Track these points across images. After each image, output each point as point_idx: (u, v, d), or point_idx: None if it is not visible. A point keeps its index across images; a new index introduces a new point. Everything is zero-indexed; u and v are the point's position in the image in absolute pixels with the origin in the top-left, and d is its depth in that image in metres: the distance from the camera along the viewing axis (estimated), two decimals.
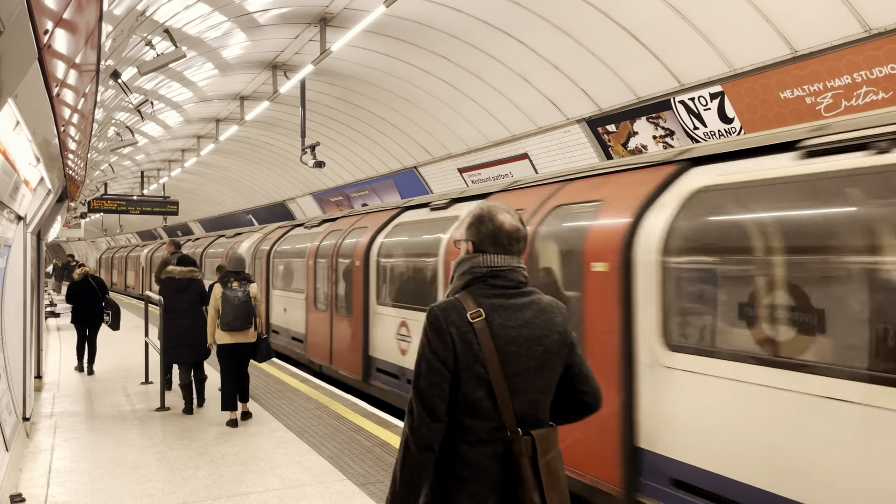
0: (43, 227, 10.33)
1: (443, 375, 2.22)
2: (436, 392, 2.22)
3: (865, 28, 6.85)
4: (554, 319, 2.36)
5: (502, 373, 2.23)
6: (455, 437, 2.26)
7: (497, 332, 2.25)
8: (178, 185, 30.53)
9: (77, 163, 8.59)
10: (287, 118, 17.53)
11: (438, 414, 2.22)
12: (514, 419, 2.24)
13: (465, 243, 2.44)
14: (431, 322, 2.28)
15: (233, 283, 7.62)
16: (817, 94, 7.56)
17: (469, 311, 2.26)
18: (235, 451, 6.59)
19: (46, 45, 2.86)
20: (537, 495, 2.20)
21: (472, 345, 2.23)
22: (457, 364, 2.23)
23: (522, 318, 2.31)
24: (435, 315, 2.27)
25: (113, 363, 11.97)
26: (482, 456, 2.23)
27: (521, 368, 2.27)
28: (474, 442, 2.24)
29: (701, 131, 9.18)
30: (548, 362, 2.32)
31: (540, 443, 2.24)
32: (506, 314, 2.29)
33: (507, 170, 13.53)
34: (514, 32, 10.36)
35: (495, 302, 2.30)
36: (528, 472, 2.21)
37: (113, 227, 46.49)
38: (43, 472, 6.02)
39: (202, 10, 10.45)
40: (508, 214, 2.39)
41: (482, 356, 2.22)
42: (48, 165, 6.29)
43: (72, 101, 4.64)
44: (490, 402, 2.23)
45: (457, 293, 2.35)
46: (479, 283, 2.34)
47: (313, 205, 23.40)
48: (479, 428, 2.24)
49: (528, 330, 2.30)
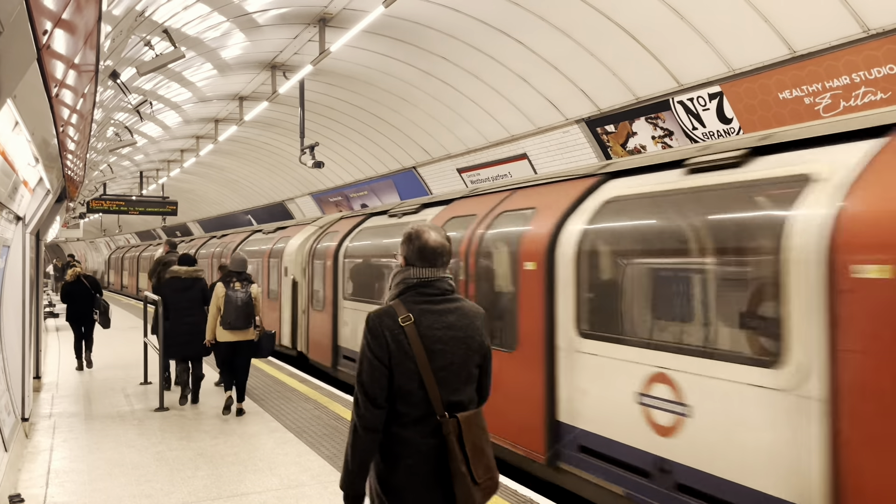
0: (42, 228, 10.32)
1: (381, 371, 2.65)
2: (376, 385, 2.65)
3: (864, 28, 6.86)
4: (475, 323, 2.82)
5: (430, 367, 2.66)
6: (394, 421, 2.68)
7: (424, 333, 2.67)
8: (177, 186, 30.53)
9: (76, 163, 8.58)
10: (286, 118, 17.53)
11: (379, 402, 2.64)
12: (442, 405, 2.67)
13: (399, 258, 2.86)
14: (369, 327, 2.69)
15: (235, 283, 7.78)
16: (816, 94, 7.57)
17: (400, 316, 2.67)
18: (234, 451, 6.59)
19: (45, 46, 2.87)
20: (464, 466, 2.64)
21: (403, 344, 2.65)
22: (391, 361, 2.65)
23: (447, 321, 2.74)
24: (372, 321, 2.70)
25: (112, 364, 11.96)
26: (417, 436, 2.67)
27: (447, 363, 2.70)
28: (410, 424, 2.67)
29: (700, 131, 9.19)
30: (469, 359, 2.77)
31: (464, 424, 2.68)
32: (432, 318, 2.71)
33: (506, 170, 13.53)
34: (513, 33, 10.36)
35: (423, 307, 2.72)
36: (455, 448, 2.64)
37: (112, 227, 46.47)
38: (42, 472, 6.01)
39: (201, 10, 10.45)
40: (435, 233, 2.81)
41: (412, 353, 2.65)
42: (47, 166, 6.28)
43: (71, 101, 4.64)
44: (421, 392, 2.66)
45: (392, 300, 2.76)
46: (410, 292, 2.76)
47: (312, 205, 23.40)
48: (413, 413, 2.67)
49: (451, 331, 2.73)
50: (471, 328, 2.79)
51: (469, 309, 2.84)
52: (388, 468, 2.70)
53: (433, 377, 2.66)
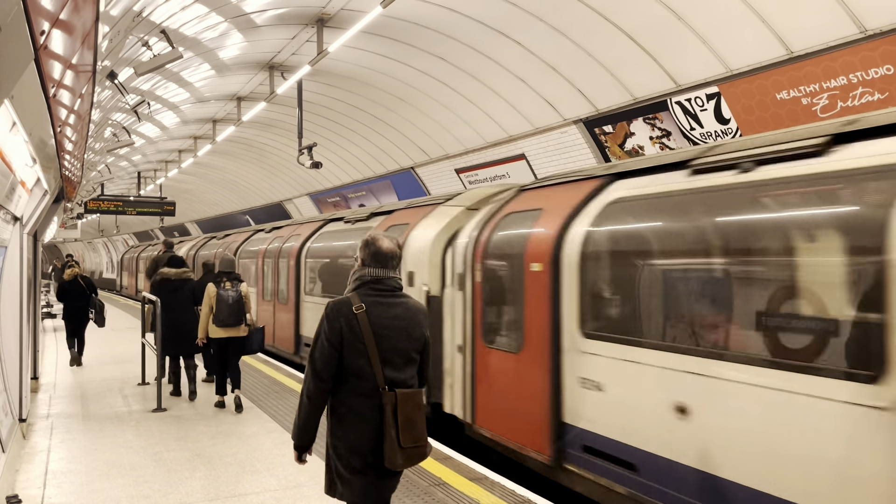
0: (39, 228, 10.31)
1: (331, 353, 3.22)
2: (325, 364, 3.23)
3: (861, 29, 6.87)
4: (418, 317, 3.42)
5: (377, 348, 3.24)
6: (346, 392, 3.27)
7: (374, 320, 3.26)
8: (174, 186, 30.50)
9: (74, 163, 8.57)
10: (284, 119, 17.52)
11: (326, 378, 3.24)
12: (384, 380, 3.24)
13: (357, 260, 3.46)
14: (327, 314, 3.28)
15: (225, 282, 8.13)
16: (813, 94, 7.58)
17: (354, 305, 3.27)
18: (233, 451, 6.59)
19: (43, 46, 2.86)
20: (394, 431, 3.20)
21: (355, 328, 3.23)
22: (343, 342, 3.23)
23: (394, 313, 3.33)
24: (330, 309, 3.29)
25: (109, 364, 11.95)
26: (363, 405, 3.24)
27: (391, 346, 3.27)
28: (358, 395, 3.25)
29: (698, 132, 9.20)
30: (411, 345, 3.35)
31: (401, 398, 3.23)
32: (381, 308, 3.30)
33: (504, 170, 13.54)
34: (511, 33, 10.36)
35: (374, 300, 3.31)
36: (389, 416, 3.21)
37: (110, 227, 46.39)
38: (39, 473, 6.00)
39: (199, 10, 10.44)
40: (387, 240, 3.42)
41: (362, 336, 3.23)
42: (45, 166, 6.28)
43: (68, 101, 4.63)
44: (368, 368, 3.24)
45: (349, 293, 3.36)
46: (365, 287, 3.35)
47: (310, 205, 23.39)
48: (361, 386, 3.25)
49: (397, 321, 3.32)
50: (414, 320, 3.39)
51: (413, 304, 3.44)
52: (338, 430, 3.32)
53: (378, 356, 3.25)
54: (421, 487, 5.53)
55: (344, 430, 3.28)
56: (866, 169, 3.64)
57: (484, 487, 5.51)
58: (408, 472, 5.89)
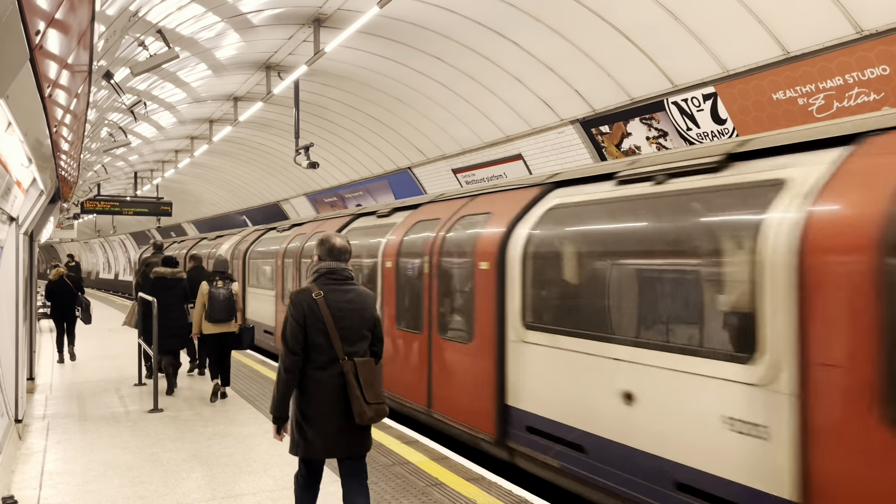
0: (35, 228, 10.29)
1: (299, 330, 3.96)
2: (295, 339, 3.96)
3: (857, 29, 6.88)
4: (367, 301, 4.19)
5: (335, 327, 3.99)
6: (310, 366, 4.00)
7: (331, 304, 4.03)
8: (171, 186, 30.45)
9: (70, 163, 8.56)
10: (281, 119, 17.51)
11: (297, 351, 3.96)
12: (343, 353, 3.99)
13: (314, 256, 4.22)
14: (292, 300, 4.04)
15: (217, 281, 8.61)
16: (809, 95, 7.59)
17: (314, 292, 4.03)
18: (229, 452, 6.58)
19: (38, 46, 2.86)
20: (359, 391, 3.93)
21: (316, 311, 3.99)
22: (306, 322, 3.97)
23: (347, 298, 4.10)
24: (294, 295, 4.07)
25: (106, 365, 11.93)
26: (325, 376, 3.97)
27: (347, 325, 4.04)
28: (320, 368, 3.98)
29: (694, 132, 9.21)
30: (362, 324, 4.11)
31: (359, 365, 3.99)
32: (336, 294, 4.07)
33: (501, 170, 13.54)
34: (508, 33, 10.37)
35: (330, 287, 4.09)
36: (352, 380, 3.95)
37: (106, 228, 46.31)
38: (35, 473, 5.99)
39: (195, 10, 10.43)
40: (339, 239, 4.18)
41: (321, 316, 3.98)
42: (40, 166, 6.26)
43: (64, 101, 4.62)
44: (327, 343, 3.98)
45: (310, 283, 4.12)
46: (322, 278, 4.11)
47: (307, 206, 23.37)
48: (322, 358, 3.98)
49: (350, 304, 4.09)
50: (364, 304, 4.16)
51: (363, 291, 4.23)
52: (304, 401, 4.00)
53: (337, 334, 4.00)
54: (418, 488, 5.53)
55: (308, 398, 3.99)
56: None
57: (481, 487, 5.51)
58: (404, 472, 5.90)
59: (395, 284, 8.07)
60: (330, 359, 3.97)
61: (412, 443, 6.86)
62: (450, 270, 7.11)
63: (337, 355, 3.97)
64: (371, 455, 6.41)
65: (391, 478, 5.79)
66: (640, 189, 5.13)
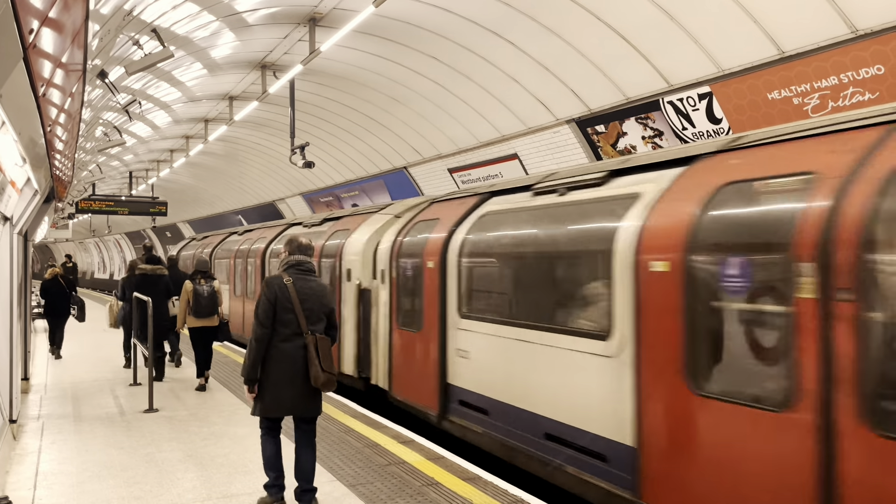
0: (30, 228, 10.25)
1: (269, 307, 4.89)
2: (266, 315, 4.89)
3: (852, 29, 6.90)
4: (326, 290, 5.19)
5: (301, 307, 4.93)
6: (277, 338, 4.91)
7: (298, 289, 4.98)
8: (166, 186, 30.38)
9: (64, 163, 8.53)
10: (276, 118, 17.48)
11: (266, 325, 4.88)
12: (306, 328, 4.93)
13: (284, 252, 5.29)
14: (266, 284, 4.99)
15: (200, 279, 9.49)
16: (804, 94, 7.61)
17: (284, 279, 5.00)
18: (224, 452, 6.57)
19: (32, 45, 2.84)
20: (317, 361, 4.86)
21: (286, 293, 4.94)
22: (276, 303, 4.89)
23: (310, 286, 5.07)
24: (267, 281, 5.02)
25: (101, 365, 11.90)
26: (289, 347, 4.90)
27: (309, 306, 4.98)
28: (286, 340, 4.91)
29: (690, 132, 9.22)
30: (321, 307, 5.07)
31: (319, 339, 4.94)
32: (302, 282, 5.05)
33: (497, 170, 13.54)
34: (504, 33, 10.37)
35: (297, 276, 5.07)
36: (312, 351, 4.88)
37: (101, 228, 46.19)
38: (30, 474, 5.97)
39: (190, 9, 10.40)
40: (305, 238, 5.31)
41: (290, 297, 4.94)
42: (35, 166, 6.24)
43: (58, 100, 4.61)
44: (294, 320, 4.92)
45: (280, 272, 5.11)
46: (291, 268, 5.12)
47: (303, 205, 23.35)
48: (287, 332, 4.91)
49: (312, 291, 5.05)
50: (323, 292, 5.15)
51: (322, 282, 5.26)
52: (265, 370, 4.91)
53: (302, 313, 4.95)
54: (414, 488, 5.52)
55: (274, 365, 4.90)
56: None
57: (476, 487, 5.51)
58: (400, 472, 5.90)
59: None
60: (294, 333, 4.91)
61: (408, 442, 6.86)
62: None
63: (301, 330, 4.92)
64: (367, 455, 6.42)
65: (387, 477, 5.79)
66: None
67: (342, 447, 6.67)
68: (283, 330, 4.88)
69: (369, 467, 6.05)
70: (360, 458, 6.34)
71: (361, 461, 6.23)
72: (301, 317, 4.89)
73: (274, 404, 4.91)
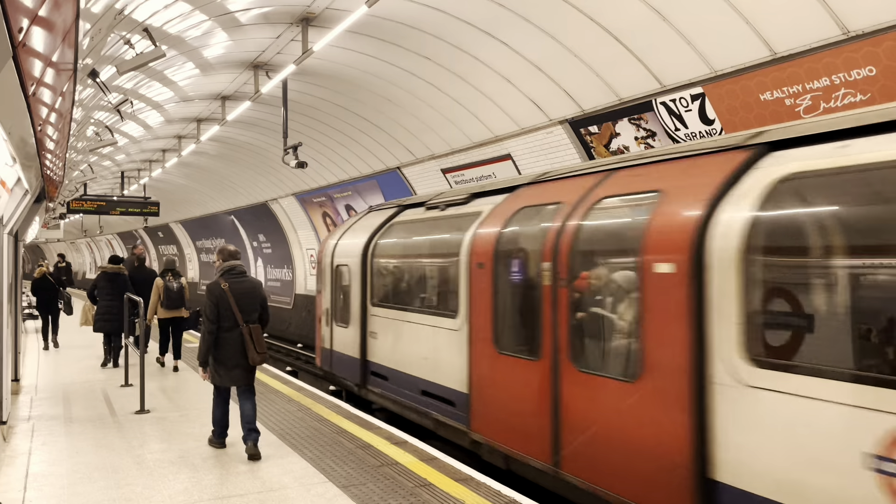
0: (20, 228, 10.19)
1: (214, 309, 6.31)
2: (213, 314, 6.33)
3: (843, 30, 6.92)
4: (258, 288, 6.65)
5: (237, 305, 6.36)
6: (221, 329, 6.35)
7: (234, 291, 6.40)
8: (158, 186, 30.24)
9: (55, 162, 8.48)
10: (269, 118, 17.42)
11: (213, 321, 6.32)
12: (242, 320, 6.36)
13: (217, 260, 6.70)
14: (209, 288, 6.40)
15: (170, 277, 10.97)
16: (796, 95, 7.63)
17: (221, 284, 6.39)
18: (216, 454, 6.54)
19: (21, 44, 2.82)
20: (252, 345, 6.35)
21: (224, 296, 6.34)
22: (219, 303, 6.32)
23: (243, 286, 6.50)
24: (210, 286, 6.40)
25: (92, 365, 11.84)
26: (231, 335, 6.36)
27: (244, 305, 6.41)
28: (227, 330, 6.36)
29: (682, 132, 9.24)
30: (254, 303, 6.52)
31: (252, 329, 6.39)
32: (237, 284, 6.46)
33: (490, 171, 13.53)
34: (498, 34, 10.36)
35: (232, 280, 6.48)
36: (248, 338, 6.36)
37: (93, 228, 45.93)
38: (20, 476, 5.93)
39: (182, 8, 10.35)
40: (233, 246, 6.82)
41: (228, 299, 6.35)
42: (25, 165, 6.20)
43: (49, 99, 4.58)
44: (232, 316, 6.35)
45: (218, 277, 6.48)
46: (226, 274, 6.51)
47: (296, 206, 23.29)
48: (228, 324, 6.35)
49: (246, 291, 6.49)
50: (256, 290, 6.61)
51: (255, 280, 6.78)
52: (216, 352, 6.40)
53: (238, 309, 6.37)
54: (406, 489, 5.51)
55: (220, 349, 6.39)
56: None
57: (469, 488, 5.50)
58: (392, 472, 5.89)
59: None
60: (233, 325, 6.38)
61: (401, 443, 6.85)
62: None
63: (238, 323, 6.37)
64: (359, 456, 6.41)
65: (380, 478, 5.77)
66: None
67: (335, 448, 6.65)
68: (224, 323, 6.36)
69: (362, 468, 6.04)
70: (352, 459, 6.33)
71: (354, 462, 6.22)
72: (238, 313, 6.36)
73: (220, 378, 6.45)
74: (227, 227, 31.00)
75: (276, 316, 26.26)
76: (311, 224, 23.02)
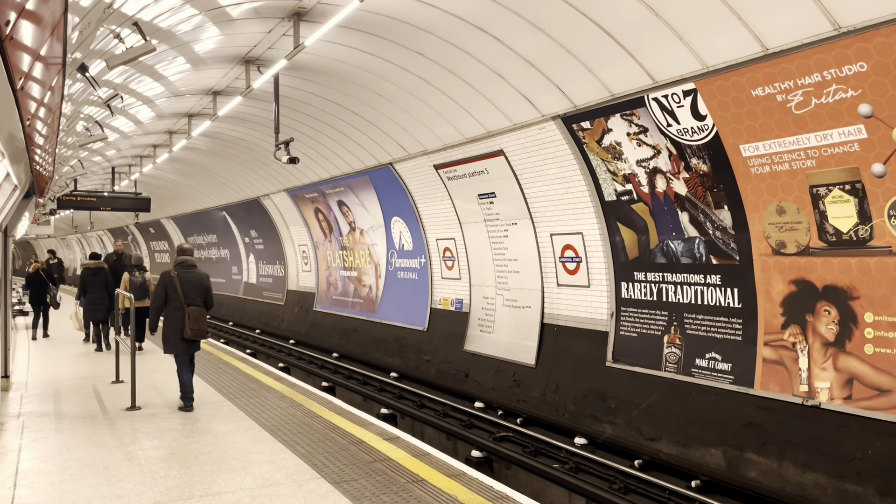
0: (10, 224, 10.12)
1: (163, 291, 8.23)
2: (160, 297, 8.26)
3: (835, 26, 6.94)
4: (202, 278, 8.45)
5: (182, 290, 8.17)
6: (168, 308, 8.23)
7: (181, 279, 8.23)
8: (149, 182, 30.08)
9: (45, 158, 8.42)
10: (260, 114, 17.35)
11: (160, 300, 8.27)
12: (185, 303, 8.14)
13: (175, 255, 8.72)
14: (161, 276, 8.31)
15: (136, 272, 12.46)
16: (788, 91, 7.65)
17: (171, 272, 8.29)
18: (208, 450, 6.52)
19: (8, 37, 2.79)
20: (190, 322, 8.10)
21: (173, 282, 8.21)
22: (167, 288, 8.19)
23: (190, 276, 8.33)
24: (162, 275, 8.30)
25: (83, 361, 11.79)
26: (176, 314, 8.18)
27: (189, 291, 8.22)
28: (174, 310, 8.19)
29: (675, 128, 9.25)
30: (199, 291, 8.31)
31: (191, 311, 8.12)
32: (185, 274, 8.31)
33: (482, 166, 13.53)
34: (490, 29, 10.34)
35: (181, 270, 8.35)
36: (188, 319, 8.10)
37: (83, 223, 45.68)
38: (10, 473, 5.90)
39: (173, 2, 10.28)
40: (187, 244, 9.04)
41: (175, 286, 8.19)
42: (14, 160, 6.15)
43: (37, 94, 4.54)
44: (178, 299, 8.16)
45: (172, 267, 8.41)
46: (178, 266, 8.41)
47: (288, 202, 23.22)
48: (173, 306, 8.19)
49: (192, 279, 8.31)
50: (200, 280, 8.33)
51: (201, 272, 8.49)
52: (166, 326, 8.16)
53: (183, 294, 8.11)
54: (399, 484, 5.51)
55: (168, 323, 8.08)
56: None
57: (461, 483, 5.50)
58: (385, 468, 5.88)
59: None
60: (178, 306, 8.07)
61: (393, 439, 6.84)
62: None
63: (182, 305, 8.05)
64: (352, 452, 6.40)
65: (371, 474, 5.77)
66: None
67: (326, 444, 6.64)
68: (171, 304, 8.10)
69: (354, 464, 6.03)
70: (344, 455, 6.32)
71: (346, 458, 6.21)
72: (182, 296, 8.06)
73: (175, 347, 8.16)
74: (219, 224, 30.88)
75: (268, 313, 26.20)
76: (303, 220, 22.96)
